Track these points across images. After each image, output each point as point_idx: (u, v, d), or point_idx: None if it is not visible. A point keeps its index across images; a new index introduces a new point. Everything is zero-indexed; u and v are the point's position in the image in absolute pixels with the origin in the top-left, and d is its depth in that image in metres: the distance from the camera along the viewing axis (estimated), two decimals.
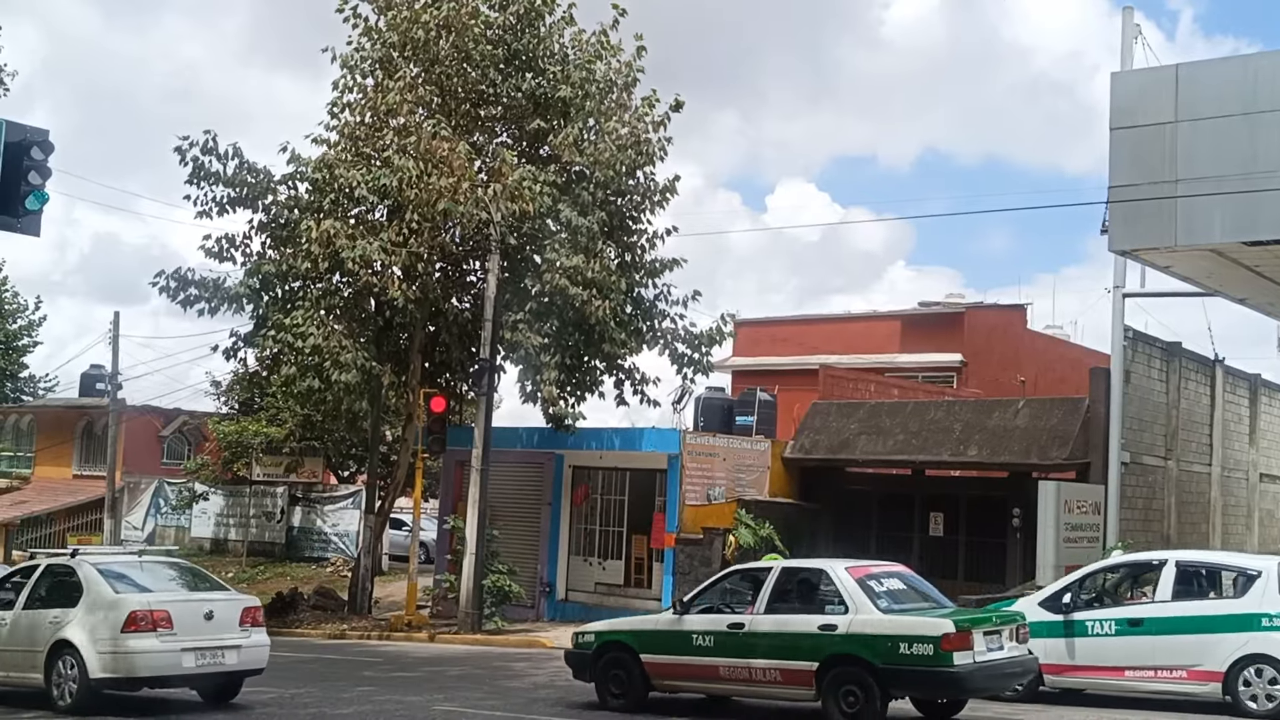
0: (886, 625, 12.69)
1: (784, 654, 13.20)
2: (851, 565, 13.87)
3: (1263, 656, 13.72)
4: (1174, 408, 27.87)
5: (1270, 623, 13.82)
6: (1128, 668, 14.60)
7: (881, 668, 12.49)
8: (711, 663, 13.77)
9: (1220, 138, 19.52)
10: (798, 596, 13.79)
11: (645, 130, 26.89)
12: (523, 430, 29.29)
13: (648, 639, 14.50)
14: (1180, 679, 14.19)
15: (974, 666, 12.46)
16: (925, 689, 12.94)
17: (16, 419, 49.13)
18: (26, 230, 13.98)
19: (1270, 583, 14.10)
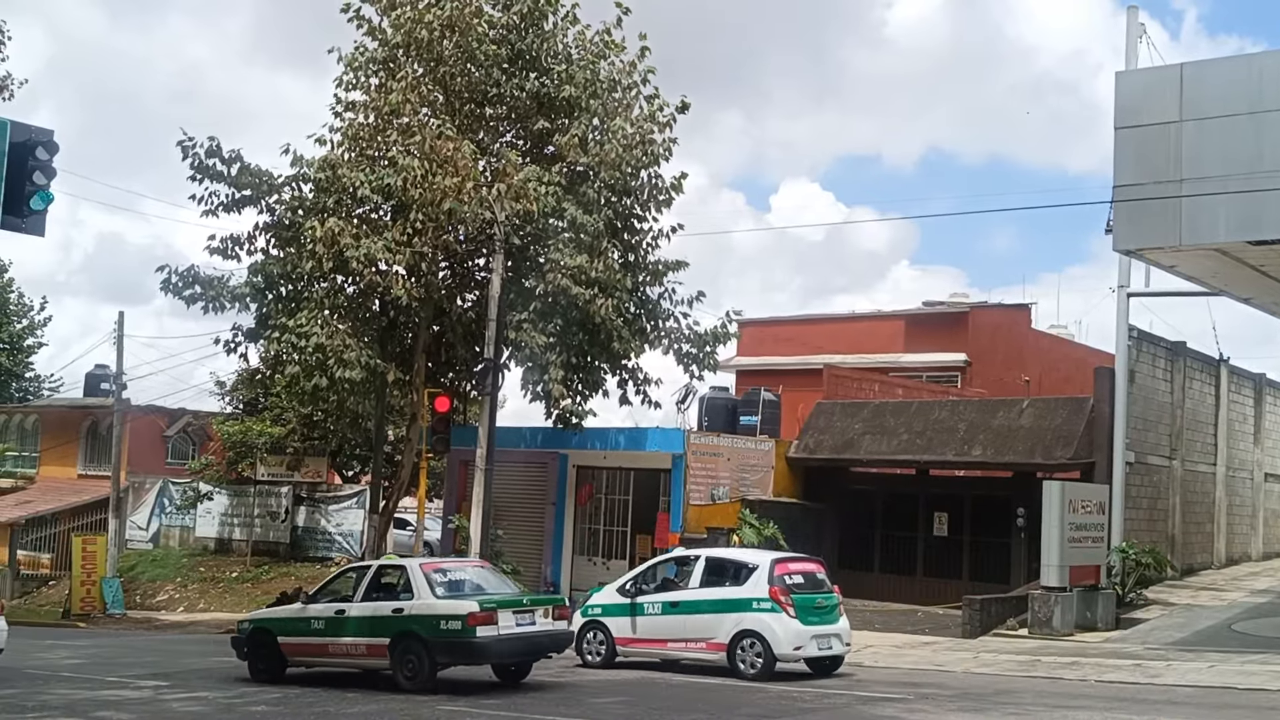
0: (436, 608, 15.77)
1: (369, 632, 16.33)
2: (425, 562, 17.42)
3: (752, 632, 17.19)
4: (1179, 407, 27.85)
5: (758, 605, 17.21)
6: (670, 640, 18.14)
7: (429, 640, 15.65)
8: (324, 641, 16.93)
9: (1225, 137, 19.50)
10: (385, 588, 16.93)
11: (652, 130, 26.89)
12: (527, 430, 29.30)
13: (281, 624, 17.66)
14: (701, 649, 17.74)
15: (496, 638, 15.57)
16: (458, 656, 15.86)
17: (21, 419, 49.15)
18: (32, 230, 14.00)
19: (762, 575, 17.44)
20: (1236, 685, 15.90)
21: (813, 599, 17.48)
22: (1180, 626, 21.57)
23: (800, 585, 17.56)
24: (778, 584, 17.23)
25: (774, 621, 17.02)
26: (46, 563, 41.41)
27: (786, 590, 17.24)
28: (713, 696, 15.22)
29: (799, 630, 17.03)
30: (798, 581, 17.60)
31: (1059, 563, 21.65)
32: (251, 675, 17.46)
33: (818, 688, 16.11)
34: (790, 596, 17.19)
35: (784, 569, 17.61)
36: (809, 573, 18.00)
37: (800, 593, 17.40)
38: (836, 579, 18.36)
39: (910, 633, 22.94)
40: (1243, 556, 31.69)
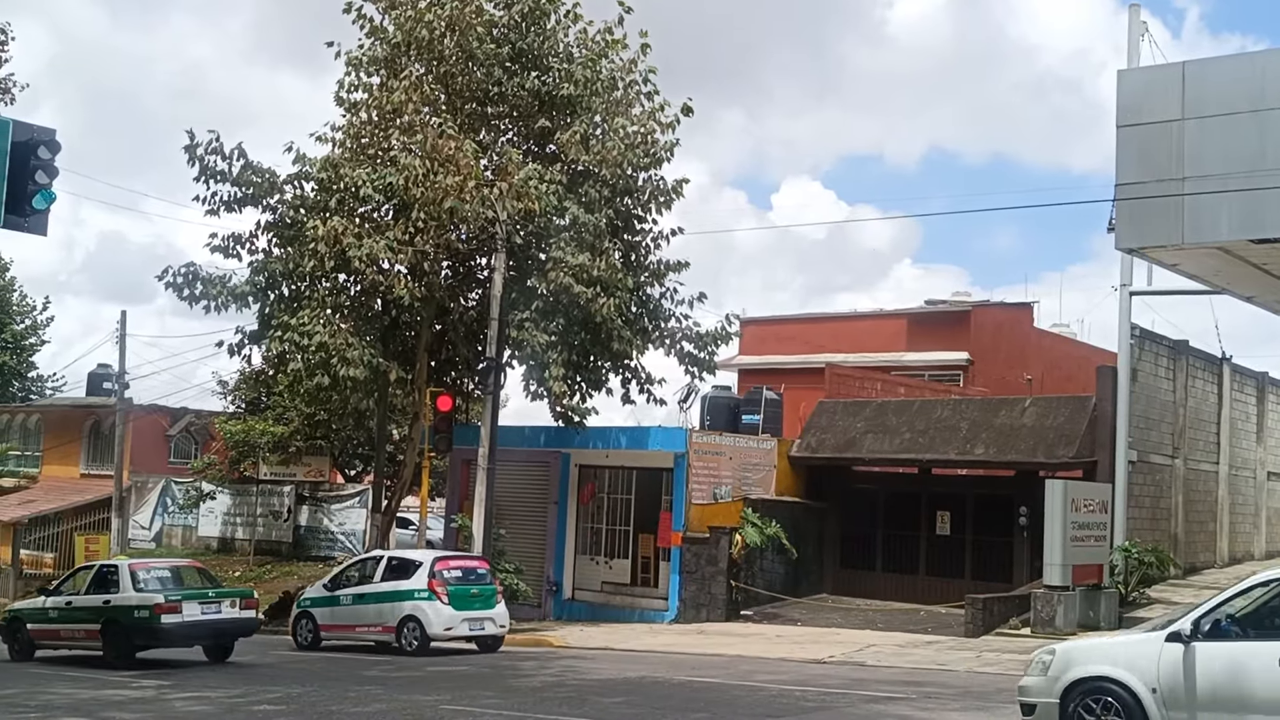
0: (132, 599, 19.37)
1: (87, 619, 20.07)
2: (133, 562, 21.27)
3: (412, 616, 20.88)
4: (1181, 406, 27.82)
5: (419, 595, 20.99)
6: (357, 625, 22.00)
7: (126, 625, 19.39)
8: (57, 627, 20.81)
9: (1227, 135, 19.46)
10: (105, 582, 20.27)
11: (654, 130, 26.89)
12: (529, 429, 29.31)
13: (28, 614, 21.67)
14: (378, 631, 21.52)
15: (179, 624, 19.20)
16: (148, 639, 19.52)
17: (24, 418, 49.20)
18: (34, 229, 14.02)
19: (424, 570, 21.24)
20: None
21: (468, 589, 21.36)
22: None
23: (458, 578, 21.44)
24: (436, 577, 21.12)
25: (429, 608, 20.89)
26: (49, 562, 41.45)
27: (444, 582, 21.11)
28: (714, 696, 15.22)
29: (451, 614, 20.91)
30: (455, 575, 21.49)
31: (1061, 562, 21.63)
32: (10, 656, 21.32)
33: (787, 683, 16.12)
34: (446, 587, 21.05)
35: (444, 565, 21.64)
36: (468, 568, 22.01)
37: (457, 584, 21.25)
38: (839, 578, 18.88)
39: (913, 632, 22.93)
40: (1245, 555, 31.66)
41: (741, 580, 25.88)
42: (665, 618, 26.01)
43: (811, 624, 24.65)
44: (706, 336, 27.64)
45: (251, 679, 17.52)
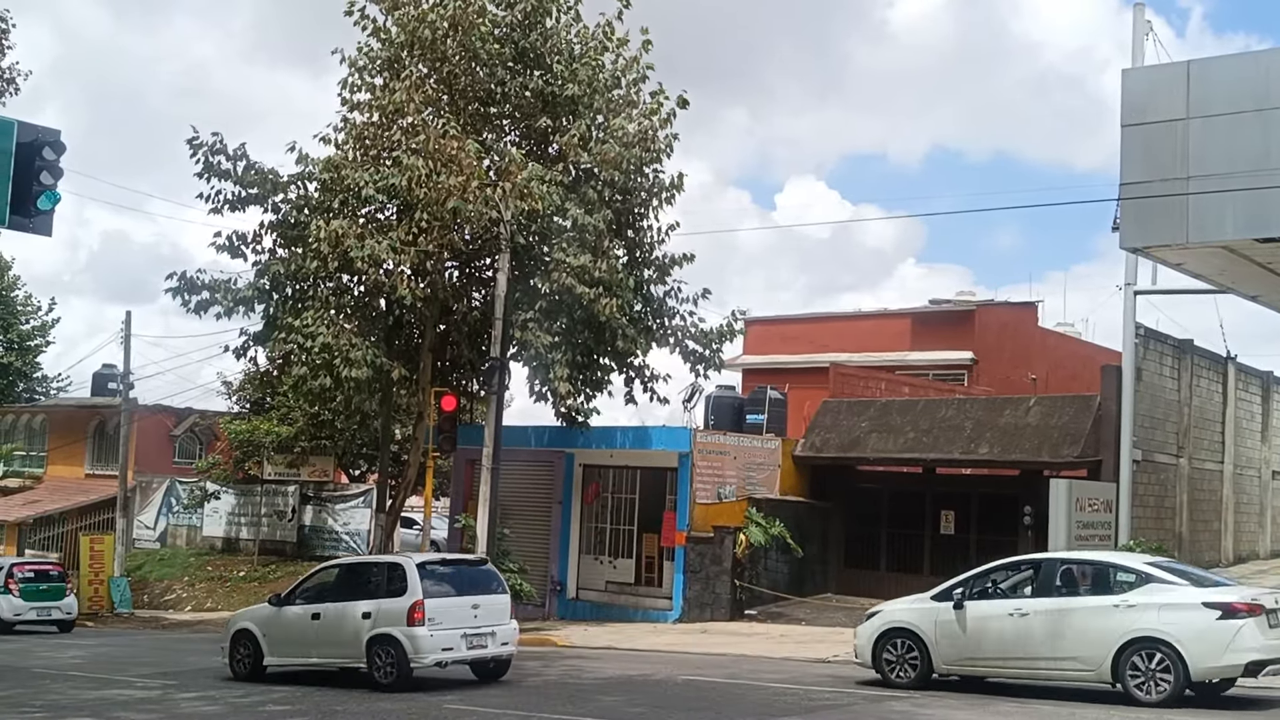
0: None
1: None
2: None
3: None
4: (1186, 405, 27.79)
5: None
6: None
7: None
8: None
9: (1232, 134, 19.45)
10: None
11: (653, 127, 26.89)
12: (533, 429, 29.32)
13: None
14: None
15: None
16: None
17: (29, 418, 49.27)
18: (39, 230, 14.04)
19: None
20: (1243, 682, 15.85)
21: (38, 586, 29.56)
22: None
23: (29, 578, 29.63)
24: (10, 575, 29.36)
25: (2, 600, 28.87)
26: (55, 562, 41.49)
27: (17, 581, 29.29)
28: (718, 695, 15.24)
29: (20, 605, 29.12)
30: (28, 575, 29.75)
31: None
32: None
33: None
34: (19, 585, 29.27)
35: (20, 569, 29.97)
36: (42, 570, 30.62)
37: (28, 583, 29.44)
38: (844, 577, 18.75)
39: None
40: (1250, 554, 31.62)
41: (746, 580, 25.88)
42: (669, 617, 26.01)
43: (816, 623, 24.64)
44: (712, 333, 27.64)
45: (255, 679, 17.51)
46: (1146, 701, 13.80)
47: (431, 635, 15.86)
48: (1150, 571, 14.83)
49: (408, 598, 15.94)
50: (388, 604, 16.15)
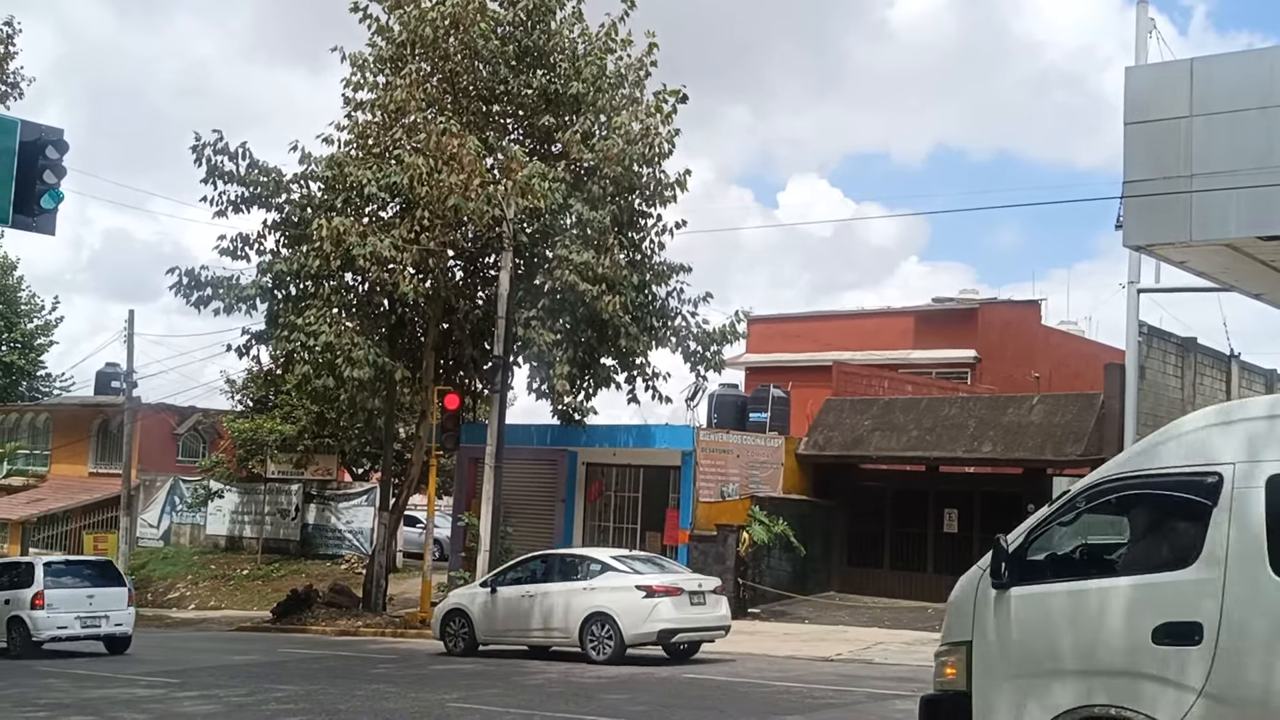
0: None
1: None
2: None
3: None
4: (1189, 403, 27.76)
5: None
6: None
7: None
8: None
9: (1235, 132, 19.42)
10: None
11: (655, 124, 26.89)
12: (536, 428, 29.34)
13: None
14: None
15: None
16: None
17: (33, 417, 49.32)
18: (42, 229, 14.05)
19: None
20: None
21: None
22: None
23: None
24: None
25: None
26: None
27: None
28: (721, 693, 15.24)
29: None
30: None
31: None
32: None
33: (830, 684, 16.10)
34: None
35: None
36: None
37: None
38: (847, 575, 18.87)
39: (920, 629, 22.89)
40: None
41: (749, 578, 25.88)
42: None
43: (819, 622, 24.64)
44: (714, 335, 27.64)
45: (259, 677, 17.55)
46: (597, 660, 18.53)
47: (48, 616, 21.94)
48: (609, 562, 19.63)
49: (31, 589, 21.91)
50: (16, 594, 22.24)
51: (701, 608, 19.05)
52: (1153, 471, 7.43)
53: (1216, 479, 7.04)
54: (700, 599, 19.07)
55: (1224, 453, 7.07)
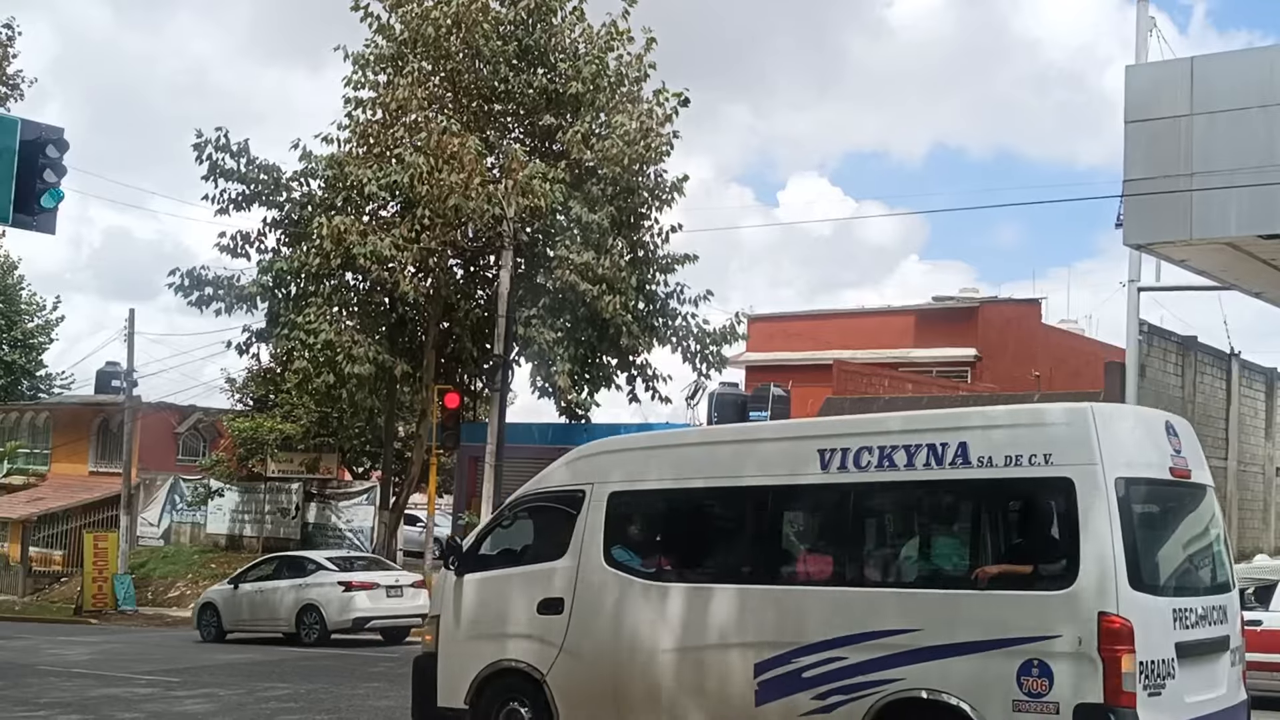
0: None
1: None
2: None
3: None
4: (1189, 402, 27.75)
5: None
6: None
7: None
8: None
9: (1237, 130, 19.41)
10: None
11: (654, 125, 26.88)
12: (536, 426, 29.30)
13: None
14: None
15: None
16: None
17: (33, 416, 49.31)
18: (42, 228, 14.05)
19: None
20: None
21: None
22: None
23: None
24: None
25: None
26: (58, 559, 41.56)
27: None
28: None
29: None
30: None
31: None
32: None
33: None
34: None
35: None
36: None
37: None
38: None
39: None
40: (1254, 551, 31.54)
41: None
42: None
43: None
44: (714, 335, 27.62)
45: (258, 676, 17.55)
46: (308, 642, 22.47)
47: None
48: (323, 562, 23.96)
49: None
50: None
51: (398, 599, 22.93)
52: (548, 489, 10.31)
53: (581, 494, 9.79)
54: (398, 592, 23.00)
55: (585, 474, 9.90)
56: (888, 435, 8.53)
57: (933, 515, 8.71)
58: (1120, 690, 7.28)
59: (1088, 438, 7.68)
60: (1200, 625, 8.08)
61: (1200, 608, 8.14)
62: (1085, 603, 7.40)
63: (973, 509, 8.32)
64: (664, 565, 9.76)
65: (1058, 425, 7.89)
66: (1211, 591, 8.47)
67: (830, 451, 8.69)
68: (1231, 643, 8.50)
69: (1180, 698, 7.71)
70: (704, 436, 11.37)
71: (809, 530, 9.29)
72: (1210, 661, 8.19)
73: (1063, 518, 7.70)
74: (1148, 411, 10.17)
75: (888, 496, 8.67)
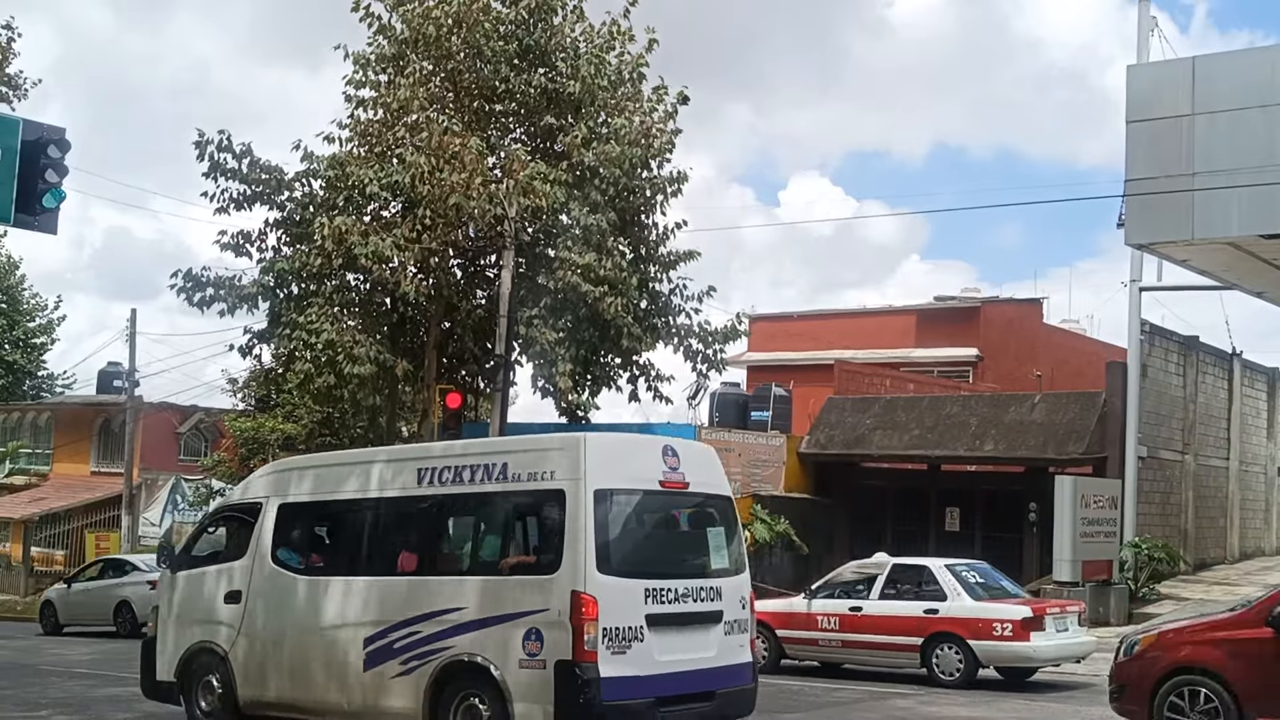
0: None
1: None
2: None
3: None
4: (1191, 402, 27.76)
5: None
6: None
7: None
8: None
9: (1237, 130, 19.46)
10: None
11: (654, 124, 26.87)
12: (537, 426, 29.28)
13: None
14: None
15: None
16: None
17: (35, 416, 49.31)
18: (44, 228, 14.04)
19: None
20: None
21: None
22: None
23: None
24: None
25: None
26: (60, 559, 41.54)
27: None
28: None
29: None
30: None
31: (1071, 558, 21.62)
32: None
33: (827, 682, 16.09)
34: None
35: None
36: None
37: None
38: None
39: None
40: (1256, 551, 31.61)
41: (751, 577, 25.86)
42: None
43: None
44: (716, 334, 27.61)
45: None
46: (121, 635, 24.33)
47: None
48: (136, 563, 26.42)
49: None
50: None
51: None
52: (239, 501, 12.69)
53: (259, 505, 12.01)
54: None
55: (265, 489, 12.26)
56: (461, 457, 10.92)
57: (483, 519, 10.89)
58: (584, 650, 9.41)
59: (577, 459, 9.88)
60: (682, 601, 10.18)
61: (682, 588, 10.22)
62: (564, 584, 9.58)
63: (505, 514, 10.61)
64: (312, 562, 11.97)
65: (559, 450, 10.19)
66: (703, 575, 10.66)
67: (424, 470, 11.01)
68: (726, 616, 10.62)
69: (650, 656, 9.81)
70: (339, 459, 13.67)
71: (406, 532, 11.34)
72: (696, 630, 10.33)
73: (557, 520, 9.83)
74: (644, 437, 13.04)
75: (456, 505, 11.00)
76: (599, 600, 9.47)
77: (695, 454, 11.07)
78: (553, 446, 10.38)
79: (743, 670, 10.92)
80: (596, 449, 10.08)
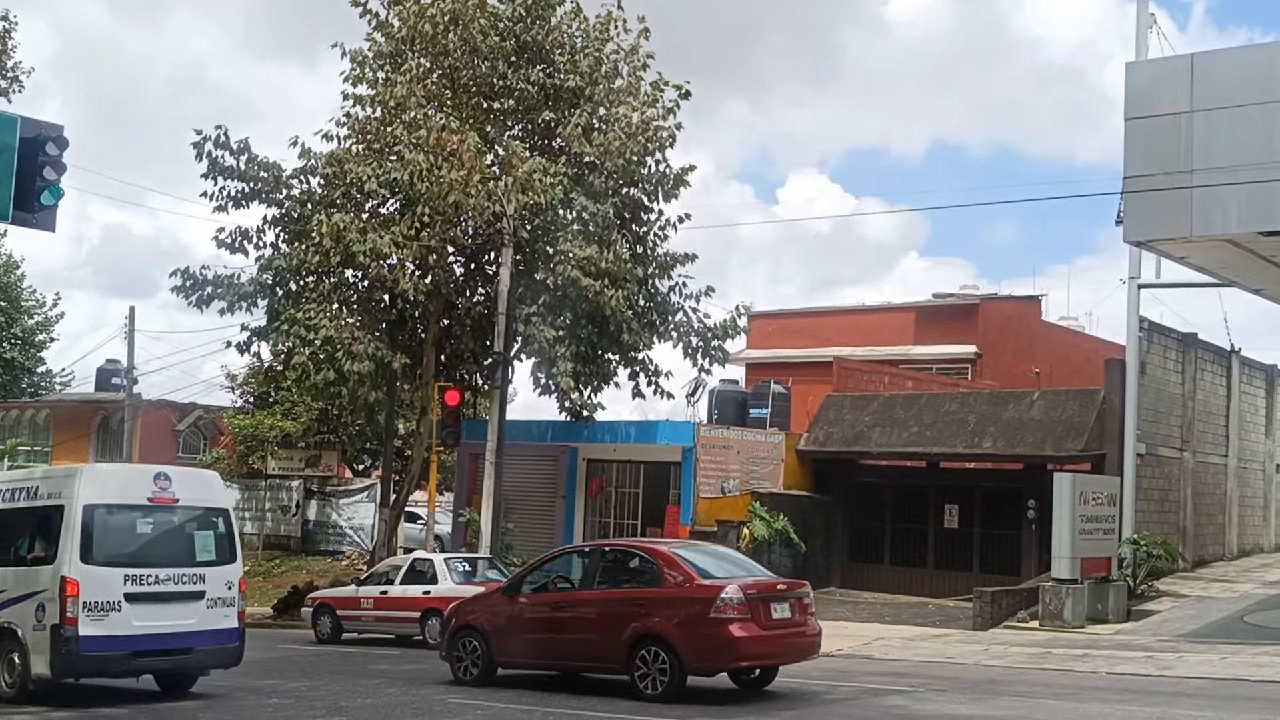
0: None
1: None
2: None
3: None
4: (1190, 399, 27.76)
5: None
6: None
7: None
8: None
9: (1236, 127, 19.44)
10: None
11: (655, 117, 26.87)
12: (536, 423, 29.33)
13: None
14: None
15: None
16: None
17: (33, 414, 49.31)
18: (42, 225, 14.05)
19: None
20: (1248, 677, 15.86)
21: None
22: (1192, 618, 21.51)
23: None
24: None
25: None
26: None
27: None
28: (721, 689, 15.19)
29: None
30: None
31: (1070, 555, 21.60)
32: None
33: (827, 680, 16.08)
34: None
35: None
36: None
37: None
38: (847, 571, 18.82)
39: (920, 625, 22.92)
40: (1254, 548, 31.61)
41: None
42: None
43: (819, 617, 24.46)
44: (715, 330, 27.62)
45: (260, 674, 17.53)
46: None
47: None
48: None
49: None
50: None
51: None
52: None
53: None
54: None
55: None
56: (18, 482, 15.14)
57: (25, 526, 14.57)
58: (68, 616, 13.46)
59: (74, 484, 14.09)
60: (162, 584, 14.15)
61: (164, 574, 14.19)
62: (57, 571, 13.66)
63: (35, 522, 14.41)
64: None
65: (66, 478, 14.46)
66: (188, 565, 14.47)
67: (4, 491, 15.02)
68: (210, 594, 14.50)
69: (127, 622, 13.80)
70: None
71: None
72: (177, 605, 14.23)
73: (58, 526, 13.86)
74: (140, 467, 18.68)
75: (13, 516, 14.73)
76: (80, 581, 13.56)
77: (192, 478, 15.57)
78: (63, 475, 14.76)
79: (228, 634, 14.72)
80: (90, 477, 14.55)
